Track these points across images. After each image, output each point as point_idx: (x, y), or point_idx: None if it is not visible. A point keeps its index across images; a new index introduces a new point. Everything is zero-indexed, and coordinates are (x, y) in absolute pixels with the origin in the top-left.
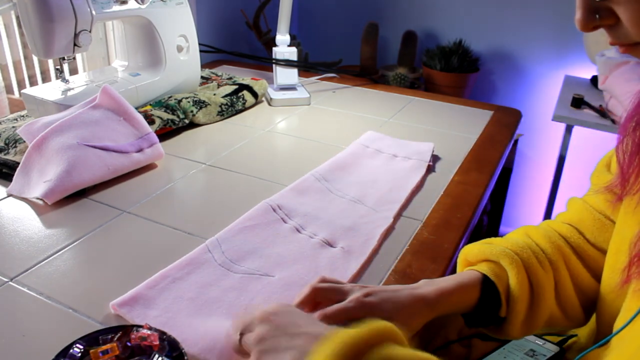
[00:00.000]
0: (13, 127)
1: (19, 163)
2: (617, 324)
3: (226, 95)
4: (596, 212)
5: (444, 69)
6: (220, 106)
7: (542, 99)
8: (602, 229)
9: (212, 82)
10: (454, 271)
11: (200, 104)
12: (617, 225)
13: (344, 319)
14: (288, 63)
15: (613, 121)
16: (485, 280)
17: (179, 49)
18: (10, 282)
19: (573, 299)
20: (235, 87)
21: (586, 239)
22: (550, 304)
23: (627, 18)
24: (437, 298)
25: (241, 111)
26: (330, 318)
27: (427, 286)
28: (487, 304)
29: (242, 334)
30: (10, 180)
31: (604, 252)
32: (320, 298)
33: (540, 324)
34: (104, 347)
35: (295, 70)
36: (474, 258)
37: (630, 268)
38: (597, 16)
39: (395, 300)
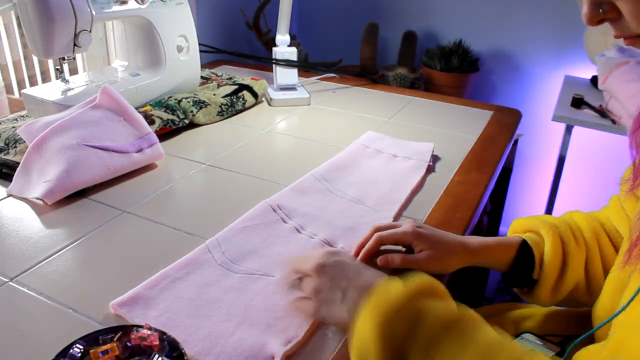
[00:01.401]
0: (13, 127)
1: (19, 163)
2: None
3: (226, 95)
4: (622, 209)
5: (444, 69)
6: (220, 106)
7: (542, 99)
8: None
9: (212, 82)
10: (454, 272)
11: (200, 104)
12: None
13: (394, 242)
14: (288, 63)
15: (613, 121)
16: (524, 244)
17: (179, 49)
18: (10, 282)
19: (599, 275)
20: (235, 87)
21: (617, 230)
22: (578, 274)
23: (627, 11)
24: (477, 247)
25: (241, 111)
26: (385, 241)
27: (471, 237)
28: (523, 265)
29: (300, 278)
30: (10, 180)
31: None
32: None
33: (566, 291)
34: (104, 347)
35: (295, 70)
36: (520, 229)
37: (631, 250)
38: (601, 10)
39: (441, 236)
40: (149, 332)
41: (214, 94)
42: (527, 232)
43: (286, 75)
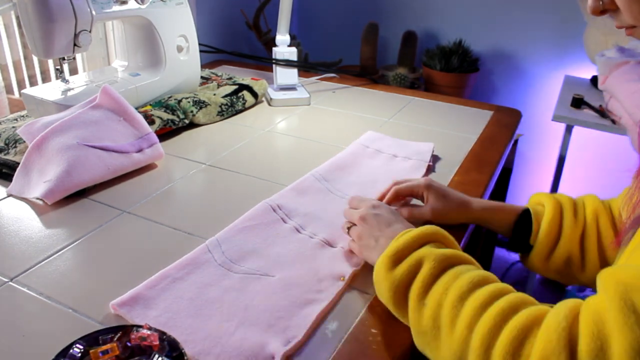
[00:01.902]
0: (13, 127)
1: (19, 163)
2: None
3: (226, 95)
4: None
5: (444, 69)
6: (220, 106)
7: (542, 99)
8: None
9: (212, 82)
10: None
11: (200, 104)
12: None
13: (409, 193)
14: (288, 63)
15: (613, 121)
16: (526, 212)
17: (179, 49)
18: (10, 282)
19: (593, 252)
20: (235, 87)
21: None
22: (571, 246)
23: (620, 3)
24: (478, 207)
25: (241, 111)
26: (401, 192)
27: (477, 200)
28: (522, 231)
29: (349, 227)
30: (10, 180)
31: None
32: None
33: (559, 260)
34: (104, 347)
35: (295, 70)
36: (533, 201)
37: (621, 234)
38: (601, 2)
39: (449, 192)
40: (148, 332)
41: (214, 94)
42: (537, 205)
43: (286, 75)
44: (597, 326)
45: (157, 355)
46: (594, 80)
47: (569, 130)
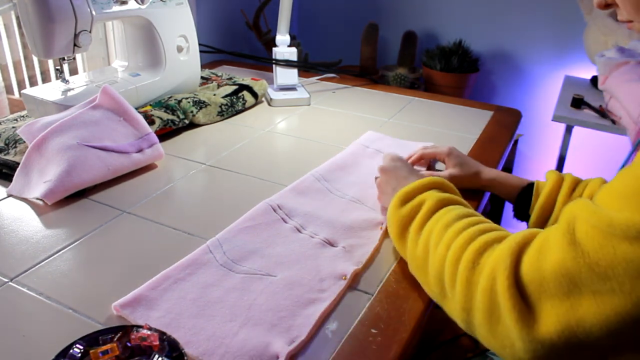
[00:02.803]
0: (13, 127)
1: (19, 163)
2: None
3: (226, 96)
4: None
5: (444, 69)
6: (220, 106)
7: (542, 99)
8: None
9: (212, 82)
10: None
11: (200, 104)
12: None
13: (433, 156)
14: (288, 63)
15: (613, 121)
16: (531, 185)
17: (179, 49)
18: (10, 282)
19: None
20: (235, 87)
21: None
22: None
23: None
24: (488, 177)
25: (241, 111)
26: (426, 155)
27: (490, 170)
28: (525, 202)
29: (376, 178)
30: (10, 181)
31: None
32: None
33: None
34: (104, 348)
35: (295, 71)
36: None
37: None
38: None
39: (467, 160)
40: (149, 332)
41: (214, 94)
42: (543, 180)
43: (286, 76)
44: (542, 242)
45: (157, 356)
46: (594, 80)
47: (569, 130)
